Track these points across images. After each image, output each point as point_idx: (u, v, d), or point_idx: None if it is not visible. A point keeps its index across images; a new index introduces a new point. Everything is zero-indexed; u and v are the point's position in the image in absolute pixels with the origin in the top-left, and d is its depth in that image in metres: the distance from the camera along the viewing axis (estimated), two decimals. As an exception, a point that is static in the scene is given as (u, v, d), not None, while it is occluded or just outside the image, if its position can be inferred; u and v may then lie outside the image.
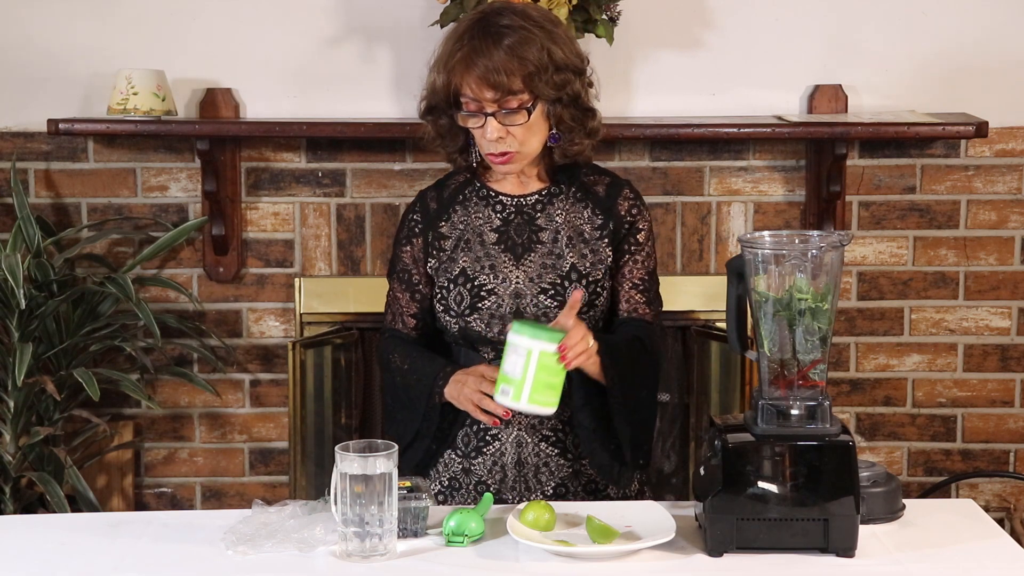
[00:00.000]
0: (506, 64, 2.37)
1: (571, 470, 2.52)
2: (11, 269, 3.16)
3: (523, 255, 2.51)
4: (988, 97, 3.55)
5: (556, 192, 2.55)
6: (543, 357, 2.03)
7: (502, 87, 2.38)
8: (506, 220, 2.54)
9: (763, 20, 3.55)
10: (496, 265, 2.50)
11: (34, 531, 2.28)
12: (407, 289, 2.58)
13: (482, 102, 2.40)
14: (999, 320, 3.64)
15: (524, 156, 2.47)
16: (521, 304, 2.47)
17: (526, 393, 2.02)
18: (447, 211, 2.57)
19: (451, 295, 2.50)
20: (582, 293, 2.40)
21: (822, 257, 2.11)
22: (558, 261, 2.50)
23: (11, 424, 3.31)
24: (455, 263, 2.52)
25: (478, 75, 2.38)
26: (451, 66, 2.42)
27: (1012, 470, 3.67)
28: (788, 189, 3.59)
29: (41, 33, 3.54)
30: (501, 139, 2.42)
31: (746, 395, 3.45)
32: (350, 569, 2.07)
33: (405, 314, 2.59)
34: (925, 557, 2.10)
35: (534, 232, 2.52)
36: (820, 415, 2.12)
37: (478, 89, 2.39)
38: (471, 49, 2.39)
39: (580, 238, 2.52)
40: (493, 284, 2.49)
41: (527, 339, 2.03)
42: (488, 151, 2.46)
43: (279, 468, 3.67)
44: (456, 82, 2.42)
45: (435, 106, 2.51)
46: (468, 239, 2.53)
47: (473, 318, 2.48)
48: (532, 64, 2.39)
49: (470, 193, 2.57)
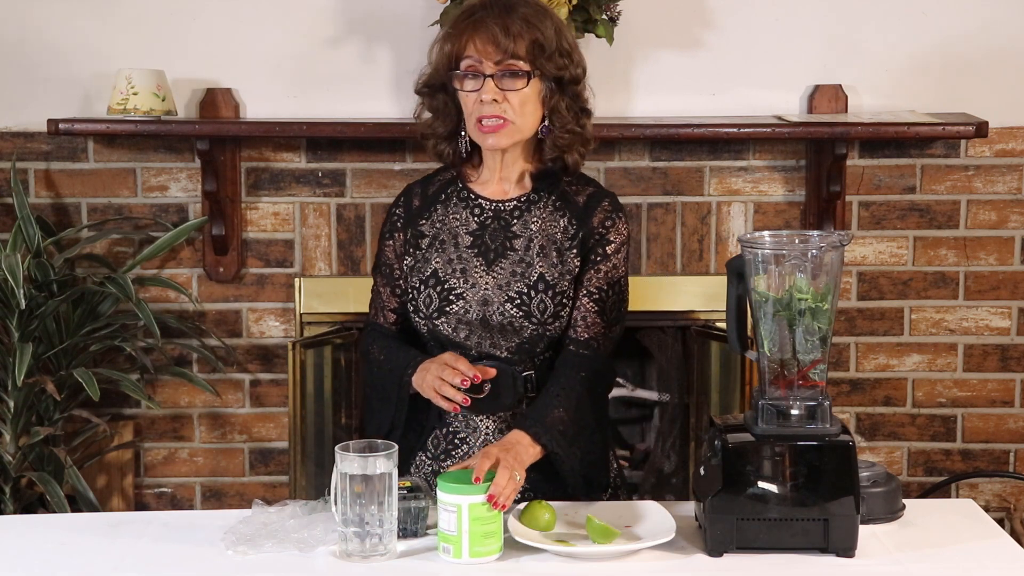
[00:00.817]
0: (515, 28, 2.39)
1: (541, 475, 2.47)
2: (11, 269, 3.16)
3: (495, 261, 2.48)
4: (988, 97, 3.55)
5: (535, 199, 2.51)
6: (474, 510, 2.06)
7: (507, 49, 2.38)
8: (482, 224, 2.51)
9: (763, 20, 3.55)
10: (467, 269, 2.48)
11: (34, 531, 2.28)
12: (388, 284, 2.57)
13: (483, 62, 2.40)
14: (999, 320, 3.64)
15: (515, 131, 2.43)
16: (487, 312, 2.44)
17: (466, 549, 2.06)
18: (429, 208, 2.55)
19: (421, 296, 2.48)
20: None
21: (822, 257, 2.11)
22: (527, 269, 2.46)
23: (11, 424, 3.31)
24: (428, 263, 2.50)
25: (485, 34, 2.39)
26: (458, 30, 2.43)
27: (1012, 470, 3.67)
28: (788, 189, 3.59)
29: (41, 33, 3.54)
30: (496, 102, 2.40)
31: (746, 395, 3.45)
32: (350, 569, 2.07)
33: (386, 308, 2.59)
34: (925, 557, 2.10)
35: (508, 239, 2.49)
36: (820, 415, 2.12)
37: (482, 47, 2.39)
38: (483, 15, 2.41)
39: (552, 247, 2.47)
40: (462, 288, 2.47)
41: (455, 496, 2.06)
42: (480, 115, 2.41)
43: (279, 468, 3.68)
44: (460, 45, 2.42)
45: (433, 83, 2.50)
46: (443, 239, 2.51)
47: (441, 321, 2.47)
48: (540, 36, 2.40)
49: (452, 193, 2.55)
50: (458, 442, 2.51)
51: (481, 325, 2.45)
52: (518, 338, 2.45)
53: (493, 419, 2.49)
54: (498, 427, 2.49)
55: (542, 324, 2.44)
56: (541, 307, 2.44)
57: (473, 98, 2.42)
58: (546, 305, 2.44)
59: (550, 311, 2.44)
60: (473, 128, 2.44)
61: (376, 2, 3.53)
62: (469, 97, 2.43)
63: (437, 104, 2.51)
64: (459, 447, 2.51)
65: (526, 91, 2.41)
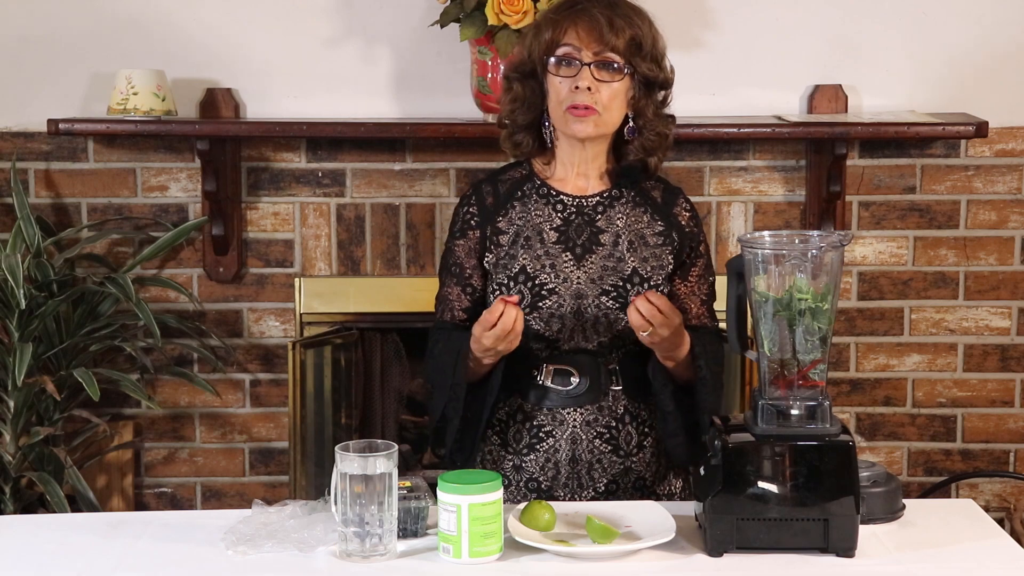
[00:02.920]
0: (618, 22, 2.44)
1: (623, 467, 2.52)
2: (11, 269, 3.16)
3: (584, 256, 2.51)
4: (988, 97, 3.54)
5: (617, 195, 2.55)
6: (473, 509, 2.06)
7: (608, 42, 2.43)
8: (566, 220, 2.53)
9: (763, 20, 3.55)
10: (556, 264, 2.50)
11: (34, 531, 2.28)
12: (458, 283, 2.57)
13: (582, 51, 2.43)
14: (999, 320, 3.64)
15: (602, 123, 2.47)
16: (581, 305, 2.47)
17: (465, 549, 2.06)
18: (504, 206, 2.55)
19: (511, 292, 2.48)
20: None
21: (822, 257, 2.11)
22: (619, 264, 2.50)
23: (11, 424, 3.31)
24: (514, 260, 2.50)
25: (588, 24, 2.43)
26: (560, 17, 2.46)
27: (1012, 470, 3.67)
28: (788, 189, 3.59)
29: (41, 33, 3.54)
30: (589, 90, 2.43)
31: (746, 395, 3.45)
32: (350, 569, 2.07)
33: (456, 308, 2.58)
34: (925, 557, 2.10)
35: (595, 234, 2.52)
36: (820, 415, 2.12)
37: (584, 35, 2.43)
38: (588, 5, 2.45)
39: (642, 243, 2.52)
40: (554, 283, 2.48)
41: (455, 496, 2.06)
42: (572, 102, 2.44)
43: (279, 468, 3.68)
44: (560, 32, 2.46)
45: (523, 68, 2.52)
46: (528, 236, 2.52)
47: (533, 316, 2.47)
48: (639, 35, 2.46)
49: (529, 190, 2.56)
50: (543, 435, 2.52)
51: (574, 318, 2.47)
52: (611, 331, 2.48)
53: (580, 411, 2.51)
54: (584, 419, 2.50)
55: None
56: None
57: (567, 85, 2.45)
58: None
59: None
60: (562, 115, 2.47)
61: (376, 2, 3.53)
62: (563, 84, 2.46)
63: (524, 91, 2.53)
64: (544, 440, 2.52)
65: (617, 86, 2.46)
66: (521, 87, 2.53)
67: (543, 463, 2.52)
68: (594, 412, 2.51)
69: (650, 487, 2.55)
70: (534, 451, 2.52)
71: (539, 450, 2.51)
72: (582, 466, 2.51)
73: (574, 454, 2.51)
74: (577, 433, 2.50)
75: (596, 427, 2.51)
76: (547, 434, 2.52)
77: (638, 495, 2.53)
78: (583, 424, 2.50)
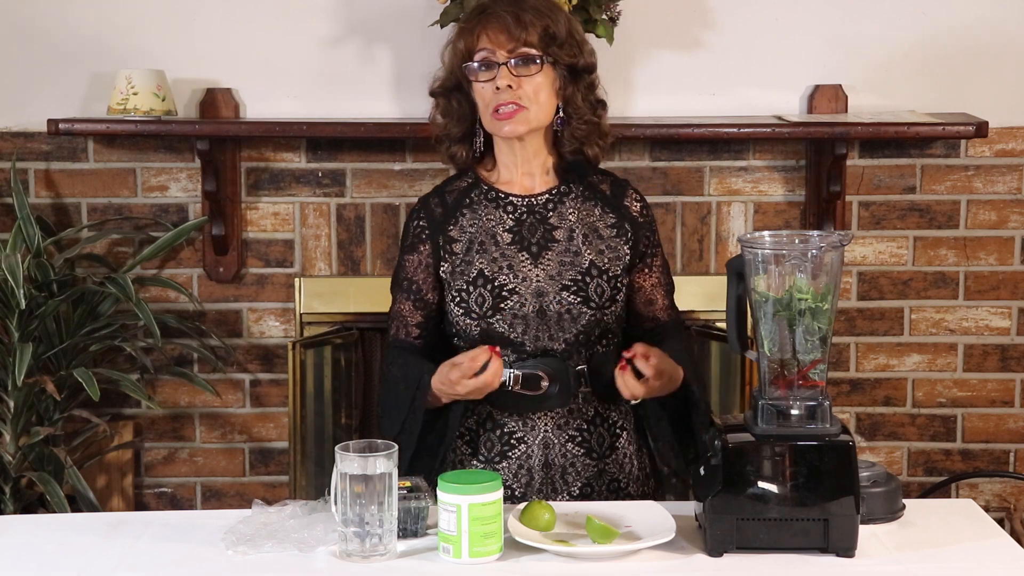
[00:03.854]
0: (526, 17, 2.44)
1: (596, 469, 2.52)
2: (11, 269, 3.16)
3: (540, 254, 2.51)
4: (988, 97, 3.55)
5: (566, 191, 2.56)
6: (473, 509, 2.06)
7: (519, 37, 2.43)
8: (519, 220, 2.53)
9: (763, 20, 3.55)
10: (514, 265, 2.50)
11: (34, 531, 2.28)
12: (409, 298, 2.56)
13: (496, 52, 2.44)
14: (999, 320, 3.64)
15: (530, 117, 2.46)
16: (543, 303, 2.47)
17: (465, 549, 2.06)
18: (454, 214, 2.55)
19: (471, 297, 2.48)
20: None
21: (822, 257, 2.11)
22: (576, 258, 2.50)
23: (11, 424, 3.31)
24: (471, 265, 2.50)
25: (497, 25, 2.44)
26: (470, 26, 2.48)
27: (1012, 470, 3.67)
28: (788, 189, 3.59)
29: (41, 33, 3.54)
30: (510, 88, 2.43)
31: (746, 395, 3.45)
32: (350, 569, 2.07)
33: (409, 323, 2.57)
34: (925, 557, 2.10)
35: (548, 231, 2.52)
36: (820, 415, 2.12)
37: (495, 37, 2.44)
38: (494, 8, 2.47)
39: (596, 235, 2.53)
40: (514, 284, 2.48)
41: (455, 496, 2.06)
42: (496, 104, 2.45)
43: (279, 468, 3.68)
44: (472, 39, 2.47)
45: (448, 83, 2.53)
46: (482, 241, 2.52)
47: (496, 319, 2.47)
48: (551, 24, 2.46)
49: (477, 196, 2.56)
50: (515, 442, 2.51)
51: (538, 317, 2.47)
52: (575, 327, 2.48)
53: (551, 415, 2.50)
54: (556, 423, 2.50)
55: (600, 308, 2.48)
56: (599, 291, 2.49)
57: (489, 89, 2.45)
58: (603, 289, 2.49)
59: (607, 295, 2.49)
60: (489, 119, 2.48)
61: (376, 2, 3.53)
62: (485, 89, 2.46)
63: (452, 105, 2.54)
64: (515, 447, 2.51)
65: (539, 78, 2.45)
66: (447, 101, 2.55)
67: (516, 470, 2.50)
68: (565, 415, 2.50)
69: (624, 489, 2.55)
70: (506, 458, 2.51)
71: (511, 457, 2.50)
72: (556, 471, 2.50)
73: (547, 459, 2.50)
74: (549, 438, 2.50)
75: (568, 430, 2.51)
76: (519, 440, 2.51)
77: (613, 497, 2.52)
78: (555, 428, 2.50)
